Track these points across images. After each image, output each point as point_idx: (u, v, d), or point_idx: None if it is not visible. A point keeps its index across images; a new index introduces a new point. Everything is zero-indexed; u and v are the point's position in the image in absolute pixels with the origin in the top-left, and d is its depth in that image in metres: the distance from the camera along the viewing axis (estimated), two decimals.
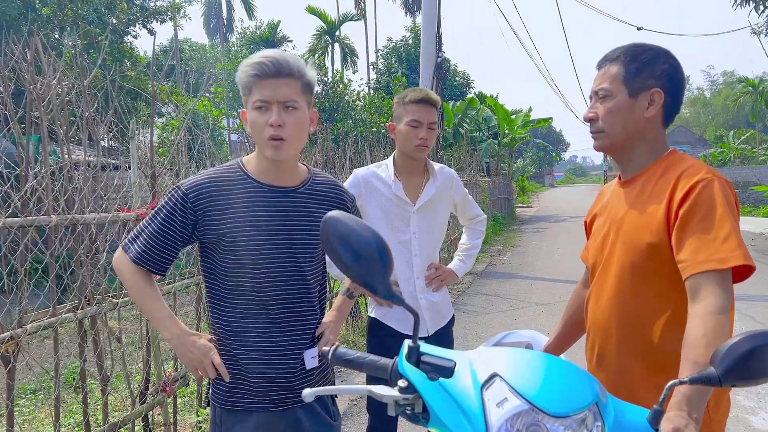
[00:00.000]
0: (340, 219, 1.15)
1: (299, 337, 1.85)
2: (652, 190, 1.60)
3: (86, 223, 3.07)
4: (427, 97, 2.49)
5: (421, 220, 2.57)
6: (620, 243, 1.63)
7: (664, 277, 1.54)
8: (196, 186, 1.77)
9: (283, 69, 1.74)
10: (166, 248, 1.80)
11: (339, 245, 1.14)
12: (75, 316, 3.03)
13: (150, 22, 14.34)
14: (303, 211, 1.87)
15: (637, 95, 1.62)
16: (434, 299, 2.61)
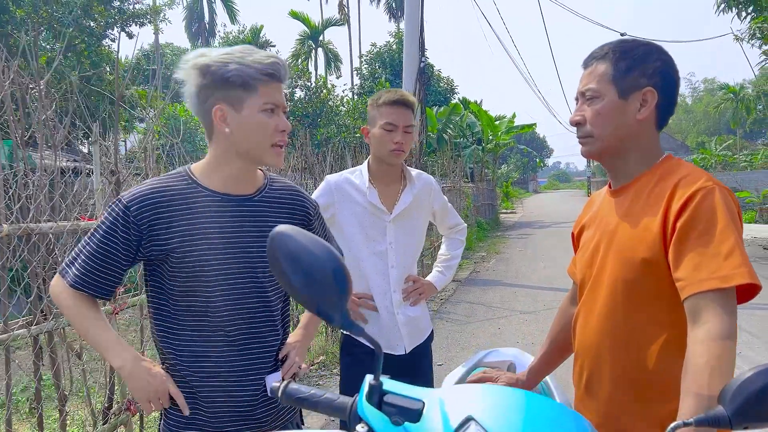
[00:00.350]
0: (289, 235, 0.98)
1: (260, 361, 1.68)
2: (646, 199, 1.45)
3: (42, 232, 2.87)
4: (402, 99, 2.33)
5: (397, 229, 2.41)
6: (612, 258, 1.48)
7: (660, 296, 1.38)
8: (139, 197, 1.57)
9: (287, 74, 1.64)
10: (109, 269, 1.58)
11: (288, 266, 0.97)
12: (29, 332, 2.83)
13: (129, 25, 14.07)
14: (261, 221, 1.69)
15: (628, 96, 1.47)
16: (412, 314, 2.45)
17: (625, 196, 1.51)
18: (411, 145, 2.38)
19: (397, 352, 2.41)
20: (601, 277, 1.50)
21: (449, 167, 14.87)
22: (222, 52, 1.63)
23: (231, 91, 1.58)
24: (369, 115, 2.39)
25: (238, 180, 1.66)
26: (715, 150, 33.92)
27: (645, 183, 1.48)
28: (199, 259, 1.59)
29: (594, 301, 1.51)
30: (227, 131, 1.60)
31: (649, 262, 1.38)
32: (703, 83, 67.21)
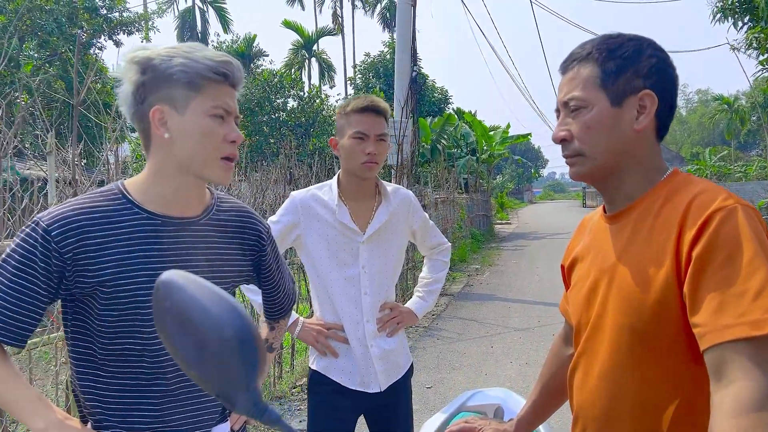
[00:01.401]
0: (178, 285, 0.71)
1: (205, 412, 1.41)
2: (651, 226, 1.17)
3: None
4: (372, 105, 2.07)
5: (371, 251, 2.14)
6: (614, 301, 1.20)
7: (676, 348, 1.12)
8: (62, 219, 1.29)
9: (241, 79, 1.39)
10: (24, 310, 1.27)
11: (175, 329, 0.70)
12: None
13: (117, 33, 13.83)
14: (209, 248, 1.42)
15: (622, 102, 1.21)
16: (388, 347, 2.17)
17: (625, 223, 1.24)
18: (385, 156, 2.12)
19: (371, 389, 2.13)
20: (602, 325, 1.23)
21: (443, 178, 14.66)
22: (167, 47, 1.36)
23: (174, 90, 1.31)
24: (337, 125, 2.13)
25: (178, 199, 1.39)
26: (710, 161, 33.86)
27: (648, 206, 1.21)
28: (135, 294, 1.32)
29: (594, 353, 1.24)
30: (166, 137, 1.32)
31: (661, 306, 1.11)
32: (697, 94, 67.48)
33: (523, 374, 5.50)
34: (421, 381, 5.37)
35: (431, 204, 11.77)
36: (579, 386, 1.29)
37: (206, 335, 0.69)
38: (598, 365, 1.23)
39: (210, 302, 0.70)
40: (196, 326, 0.70)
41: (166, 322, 0.71)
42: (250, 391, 0.70)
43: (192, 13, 35.24)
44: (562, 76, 1.29)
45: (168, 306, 0.71)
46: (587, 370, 1.26)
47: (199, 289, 0.72)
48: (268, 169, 6.09)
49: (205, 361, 0.70)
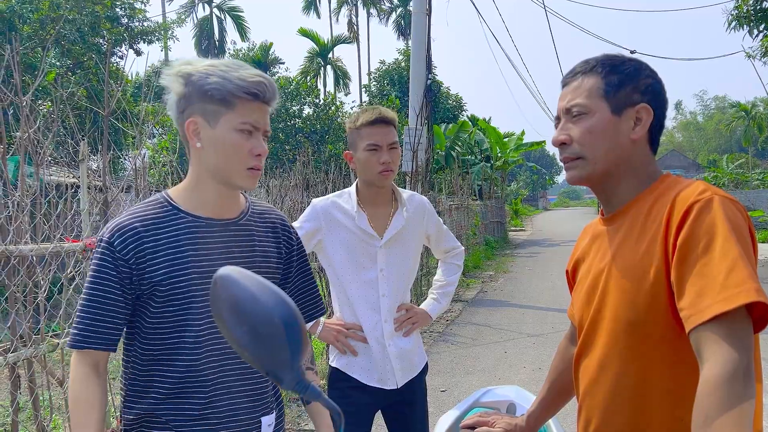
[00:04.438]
0: (233, 279, 0.84)
1: (250, 401, 1.53)
2: (644, 224, 1.28)
3: (22, 255, 2.75)
4: (381, 116, 2.18)
5: (389, 255, 2.26)
6: (611, 296, 1.30)
7: (670, 335, 1.20)
8: (120, 230, 1.44)
9: (273, 96, 1.50)
10: (109, 316, 1.43)
11: (230, 317, 0.83)
12: (5, 359, 2.69)
13: (137, 42, 14.12)
14: (250, 244, 1.56)
15: (621, 112, 1.32)
16: (405, 346, 2.28)
17: (620, 224, 1.34)
18: (399, 162, 2.24)
19: (388, 386, 2.25)
20: (600, 319, 1.33)
21: (457, 184, 14.74)
22: (207, 63, 1.50)
23: (207, 105, 1.45)
24: (349, 140, 2.25)
25: (218, 202, 1.53)
26: (727, 168, 33.60)
27: (641, 206, 1.31)
28: (189, 289, 1.46)
29: (595, 345, 1.34)
30: (198, 146, 1.48)
31: (653, 296, 1.21)
32: (714, 101, 66.88)
33: (535, 379, 5.58)
34: (436, 384, 5.47)
35: (445, 210, 11.86)
36: (582, 377, 1.38)
37: (258, 322, 0.82)
38: (598, 356, 1.32)
39: (261, 293, 0.83)
40: (249, 315, 0.82)
41: (223, 312, 0.84)
42: (294, 370, 0.83)
43: (210, 22, 35.70)
44: (564, 87, 1.40)
45: (225, 297, 0.83)
46: (588, 362, 1.36)
47: (251, 282, 0.84)
48: (284, 175, 6.22)
49: (257, 345, 0.83)
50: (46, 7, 10.79)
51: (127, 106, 13.26)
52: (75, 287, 3.15)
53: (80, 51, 11.76)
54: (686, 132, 65.87)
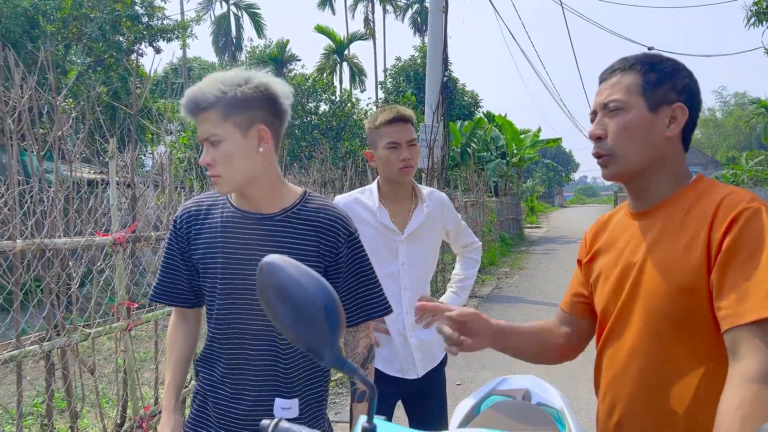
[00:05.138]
0: (279, 266, 0.93)
1: (259, 384, 1.64)
2: (682, 222, 1.31)
3: (56, 248, 2.87)
4: (399, 115, 2.27)
5: (410, 249, 2.34)
6: (644, 289, 1.34)
7: (706, 330, 1.25)
8: (185, 209, 1.73)
9: (197, 104, 1.52)
10: (177, 279, 1.73)
11: (275, 299, 0.92)
12: (41, 348, 2.82)
13: (156, 40, 14.31)
14: (278, 240, 1.63)
15: (658, 110, 1.35)
16: (425, 337, 2.37)
17: (653, 220, 1.37)
18: (418, 159, 2.31)
19: (409, 376, 2.33)
20: (630, 310, 1.37)
21: (472, 181, 14.76)
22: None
23: None
24: (369, 139, 2.34)
25: (255, 198, 1.65)
26: (746, 165, 33.20)
27: (678, 204, 1.35)
28: (215, 272, 1.64)
29: (624, 336, 1.38)
30: None
31: (690, 291, 1.26)
32: (734, 97, 66.00)
33: (550, 373, 5.59)
34: (451, 378, 5.52)
35: (461, 207, 11.91)
36: (608, 366, 1.42)
37: (301, 305, 0.90)
38: (627, 346, 1.36)
39: (304, 279, 0.91)
40: (293, 298, 0.91)
41: (269, 295, 0.93)
42: (333, 349, 0.92)
43: (227, 19, 35.95)
44: (602, 83, 1.42)
45: (270, 282, 0.92)
46: (616, 351, 1.39)
47: (295, 269, 0.93)
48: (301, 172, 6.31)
49: (300, 325, 0.91)
50: (68, 5, 10.98)
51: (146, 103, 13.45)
52: (105, 279, 3.27)
53: (101, 49, 11.94)
54: (705, 128, 65.13)
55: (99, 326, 3.17)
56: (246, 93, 1.54)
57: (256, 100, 1.55)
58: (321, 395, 1.74)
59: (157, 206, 3.68)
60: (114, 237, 3.20)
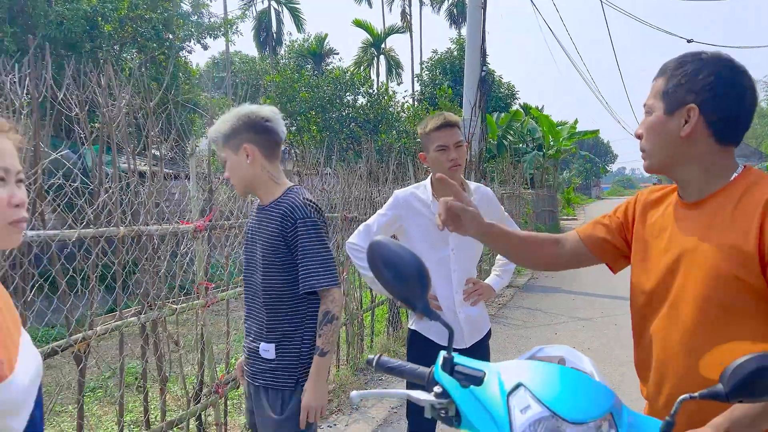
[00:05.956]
0: (384, 243, 1.32)
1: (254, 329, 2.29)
2: (732, 215, 1.41)
3: (150, 234, 3.32)
4: (446, 121, 2.63)
5: (459, 237, 2.70)
6: (696, 276, 1.44)
7: (756, 316, 1.37)
8: None
9: (213, 141, 2.29)
10: None
11: (383, 266, 1.31)
12: (138, 320, 3.28)
13: (204, 37, 14.90)
14: (260, 227, 2.26)
15: (673, 112, 1.47)
16: (472, 313, 2.74)
17: (702, 211, 1.47)
18: (465, 158, 2.67)
19: (458, 346, 2.71)
20: (684, 295, 1.47)
21: (509, 173, 14.95)
22: None
23: None
24: (422, 143, 2.71)
25: (257, 196, 2.32)
26: None
27: (726, 198, 1.44)
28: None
29: (677, 319, 1.49)
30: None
31: (743, 282, 1.36)
32: None
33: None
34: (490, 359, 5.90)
35: (497, 199, 12.13)
36: (659, 347, 1.53)
37: (400, 269, 1.29)
38: (680, 328, 1.46)
39: (401, 251, 1.30)
40: (395, 264, 1.30)
41: (377, 263, 1.31)
42: (423, 300, 1.30)
43: (267, 14, 36.63)
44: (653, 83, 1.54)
45: (379, 254, 1.31)
46: (668, 332, 1.50)
47: (395, 245, 1.32)
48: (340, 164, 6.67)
49: (400, 283, 1.30)
50: (125, 6, 11.59)
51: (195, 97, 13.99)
52: (189, 261, 3.73)
53: (154, 47, 12.53)
54: None
55: (183, 303, 3.62)
56: (233, 125, 2.19)
57: (240, 128, 2.19)
58: (295, 348, 2.20)
59: (228, 198, 4.12)
60: (195, 225, 3.64)
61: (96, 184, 3.10)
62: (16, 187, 1.23)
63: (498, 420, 1.23)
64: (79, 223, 3.03)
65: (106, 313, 4.59)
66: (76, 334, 2.90)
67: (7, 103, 2.78)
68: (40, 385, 1.30)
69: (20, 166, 1.25)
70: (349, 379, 5.26)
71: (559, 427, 1.19)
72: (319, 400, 2.15)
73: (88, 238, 2.94)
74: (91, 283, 3.02)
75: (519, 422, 1.20)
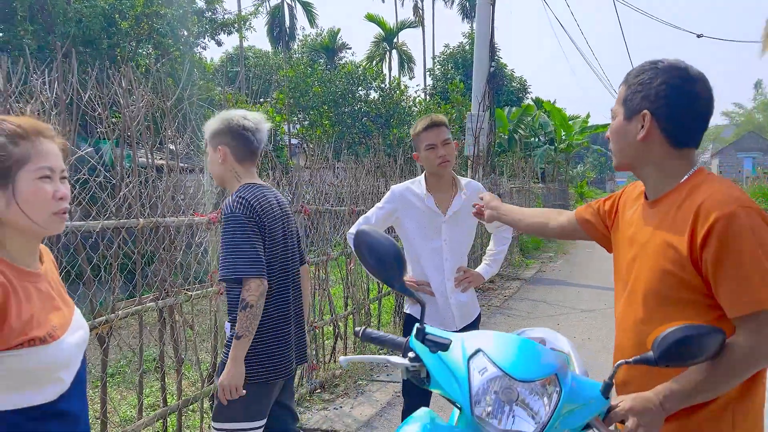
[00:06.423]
0: (367, 232, 1.56)
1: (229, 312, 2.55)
2: (674, 217, 1.56)
3: (167, 225, 3.58)
4: (433, 122, 2.87)
5: (450, 229, 2.93)
6: (645, 270, 1.62)
7: (697, 305, 1.54)
8: None
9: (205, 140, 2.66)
10: None
11: (367, 252, 1.55)
12: (156, 305, 3.54)
13: (218, 34, 15.19)
14: None
15: (631, 118, 1.62)
16: (462, 299, 2.97)
17: (656, 211, 1.63)
18: (454, 154, 2.90)
19: (449, 329, 2.93)
20: (637, 286, 1.66)
21: (519, 167, 15.08)
22: None
23: None
24: (414, 144, 2.95)
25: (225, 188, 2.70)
26: None
27: (673, 200, 1.58)
28: None
29: (631, 304, 1.68)
30: None
31: (678, 276, 1.53)
32: None
33: (583, 347, 6.14)
34: None
35: (506, 193, 12.31)
36: (618, 326, 1.76)
37: (381, 255, 1.53)
38: (633, 313, 1.67)
39: (382, 239, 1.54)
40: (378, 251, 1.53)
41: (362, 249, 1.55)
42: (400, 281, 1.54)
43: (281, 10, 36.92)
44: None
45: (363, 241, 1.55)
46: (626, 315, 1.70)
47: (377, 233, 1.55)
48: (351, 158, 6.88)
49: (381, 266, 1.54)
50: (141, 3, 11.89)
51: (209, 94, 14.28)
52: (203, 251, 3.99)
53: (169, 44, 12.83)
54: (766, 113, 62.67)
55: (197, 290, 3.88)
56: (216, 127, 2.53)
57: (220, 131, 2.53)
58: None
59: None
60: (209, 217, 3.90)
61: (117, 179, 3.36)
62: (60, 183, 1.49)
63: (460, 379, 1.46)
64: (102, 215, 3.30)
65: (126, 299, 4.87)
66: (99, 317, 3.17)
67: (37, 104, 3.03)
68: (85, 352, 1.59)
69: (64, 166, 1.50)
70: (356, 366, 5.50)
71: (510, 385, 1.42)
72: (233, 380, 2.32)
73: (111, 229, 3.20)
74: (113, 271, 3.29)
75: (477, 381, 1.44)
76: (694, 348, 1.41)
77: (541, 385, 1.43)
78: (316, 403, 4.68)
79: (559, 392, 1.44)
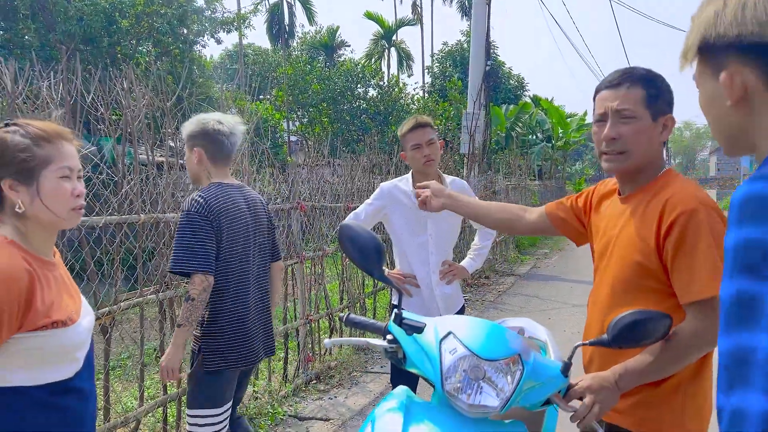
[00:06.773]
0: (350, 226, 1.72)
1: None
2: (644, 211, 1.69)
3: (167, 221, 3.73)
4: (417, 123, 3.01)
5: (435, 224, 3.08)
6: (615, 259, 1.76)
7: (659, 292, 1.67)
8: None
9: None
10: None
11: (349, 244, 1.70)
12: (157, 297, 3.70)
13: (217, 32, 15.33)
14: None
15: (657, 119, 1.70)
16: (447, 291, 3.12)
17: (629, 204, 1.76)
18: (438, 153, 3.04)
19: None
20: (606, 274, 1.80)
21: (515, 165, 15.18)
22: None
23: None
24: (401, 144, 3.10)
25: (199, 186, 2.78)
26: None
27: (645, 194, 1.72)
28: None
29: (599, 292, 1.84)
30: None
31: (644, 266, 1.67)
32: None
33: (572, 340, 6.29)
34: None
35: (502, 190, 12.44)
36: (590, 312, 1.92)
37: (362, 246, 1.68)
38: (601, 300, 1.82)
39: (363, 232, 1.69)
40: (359, 243, 1.69)
41: (344, 241, 1.70)
42: (379, 270, 1.70)
43: (280, 7, 37.02)
44: (611, 89, 1.72)
45: (346, 234, 1.70)
46: (595, 302, 1.86)
47: (358, 227, 1.71)
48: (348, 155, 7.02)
49: (362, 257, 1.69)
50: (141, 2, 12.03)
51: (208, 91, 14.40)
52: None
53: (169, 42, 12.96)
54: None
55: None
56: (194, 129, 2.65)
57: (197, 133, 2.65)
58: None
59: None
60: None
61: (119, 176, 3.51)
62: (77, 182, 1.65)
63: (432, 359, 1.62)
64: (104, 211, 3.45)
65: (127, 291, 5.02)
66: (102, 308, 3.32)
67: (44, 106, 3.18)
68: (92, 334, 1.78)
69: (80, 165, 1.66)
70: (351, 358, 5.67)
71: (477, 363, 1.58)
72: (170, 363, 2.53)
73: (113, 224, 3.36)
74: (116, 265, 3.44)
75: (448, 360, 1.59)
76: (644, 331, 1.56)
77: (506, 364, 1.58)
78: (311, 393, 4.84)
79: (521, 371, 1.59)
